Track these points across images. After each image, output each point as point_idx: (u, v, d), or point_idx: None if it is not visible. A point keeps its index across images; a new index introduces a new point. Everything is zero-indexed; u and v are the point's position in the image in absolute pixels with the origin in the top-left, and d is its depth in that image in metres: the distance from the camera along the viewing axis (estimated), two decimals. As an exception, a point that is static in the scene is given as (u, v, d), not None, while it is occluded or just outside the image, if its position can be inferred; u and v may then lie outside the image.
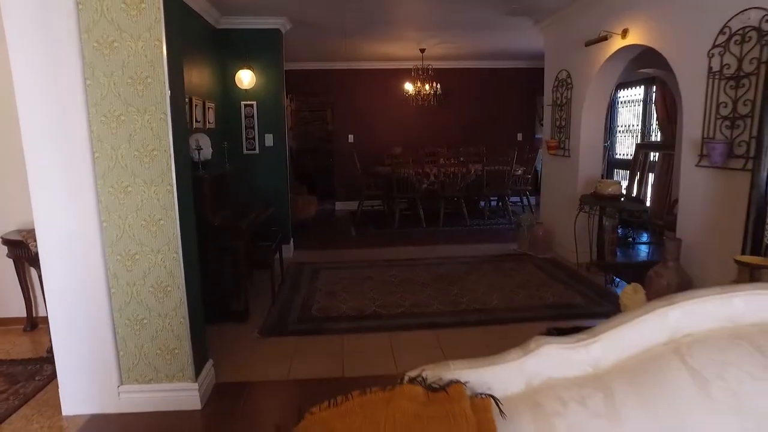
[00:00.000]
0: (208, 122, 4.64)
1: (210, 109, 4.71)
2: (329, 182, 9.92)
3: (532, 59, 8.54)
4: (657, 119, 6.86)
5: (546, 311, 3.81)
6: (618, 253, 5.23)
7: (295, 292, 4.34)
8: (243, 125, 5.36)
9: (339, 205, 9.00)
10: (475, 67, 8.77)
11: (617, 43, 4.13)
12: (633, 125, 7.68)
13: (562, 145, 5.34)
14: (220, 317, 3.62)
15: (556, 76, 5.44)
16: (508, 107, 9.01)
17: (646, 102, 7.32)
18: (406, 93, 7.54)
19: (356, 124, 8.80)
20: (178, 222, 2.33)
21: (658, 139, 7.09)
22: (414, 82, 7.30)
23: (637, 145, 7.40)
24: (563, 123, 5.32)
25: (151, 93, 2.20)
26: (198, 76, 4.47)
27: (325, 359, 3.11)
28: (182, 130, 2.50)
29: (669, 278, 3.24)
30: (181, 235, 2.36)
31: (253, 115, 5.35)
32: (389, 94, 8.72)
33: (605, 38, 3.98)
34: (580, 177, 5.04)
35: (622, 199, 4.33)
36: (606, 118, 5.35)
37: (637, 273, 4.46)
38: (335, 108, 8.84)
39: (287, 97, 11.02)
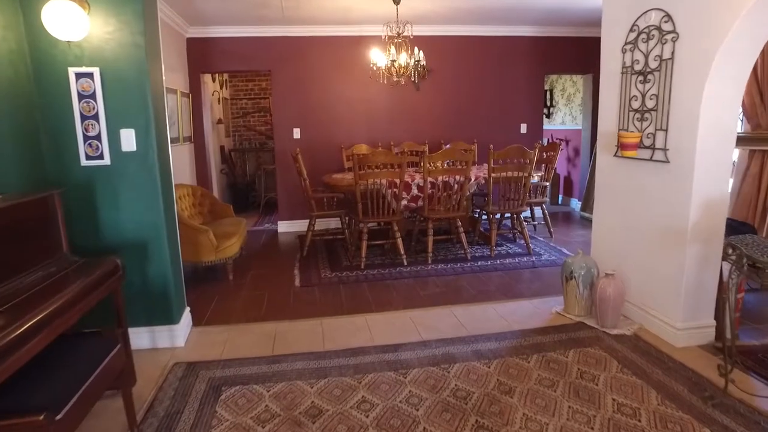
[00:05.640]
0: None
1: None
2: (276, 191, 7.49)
3: (541, 25, 6.32)
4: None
5: None
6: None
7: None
8: (76, 113, 2.87)
9: (283, 227, 6.53)
10: (466, 35, 6.45)
11: None
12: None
13: (649, 143, 3.10)
14: None
15: (633, 25, 3.19)
16: (510, 90, 6.75)
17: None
18: (374, 67, 5.14)
19: (303, 114, 6.33)
20: None
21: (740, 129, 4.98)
22: (386, 50, 4.91)
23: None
24: (648, 104, 3.09)
25: None
26: None
27: None
28: None
29: None
30: None
31: (93, 95, 2.87)
32: (349, 72, 6.30)
33: None
34: (694, 197, 2.81)
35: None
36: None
37: None
38: (274, 92, 6.36)
39: (215, 80, 8.40)
